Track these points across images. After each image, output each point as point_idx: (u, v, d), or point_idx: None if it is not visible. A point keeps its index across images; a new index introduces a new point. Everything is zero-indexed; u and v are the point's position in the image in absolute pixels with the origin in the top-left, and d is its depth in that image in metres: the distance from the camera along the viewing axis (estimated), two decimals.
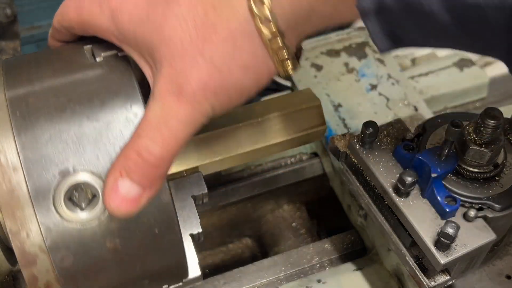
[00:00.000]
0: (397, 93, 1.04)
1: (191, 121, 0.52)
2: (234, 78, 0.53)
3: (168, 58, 0.52)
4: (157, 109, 0.52)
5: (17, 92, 0.56)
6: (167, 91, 0.52)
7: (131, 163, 0.52)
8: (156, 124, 0.52)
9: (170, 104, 0.52)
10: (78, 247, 0.54)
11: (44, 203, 0.53)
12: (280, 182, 1.10)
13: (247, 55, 0.52)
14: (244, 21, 0.51)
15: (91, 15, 0.57)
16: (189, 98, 0.52)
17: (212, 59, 0.51)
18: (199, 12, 0.51)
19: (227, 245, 1.17)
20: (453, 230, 0.62)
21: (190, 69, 0.51)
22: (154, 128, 0.52)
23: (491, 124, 0.65)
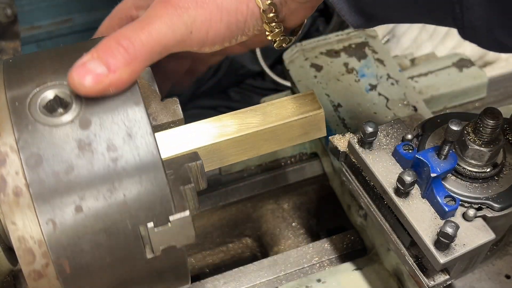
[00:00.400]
0: (396, 93, 1.04)
1: (171, 25, 0.58)
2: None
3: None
4: (147, 12, 0.59)
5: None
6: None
7: (105, 47, 0.56)
8: (141, 20, 0.58)
9: (157, 7, 0.59)
10: (48, 146, 0.55)
11: (20, 108, 0.56)
12: (280, 182, 1.10)
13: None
14: None
15: None
16: (173, 3, 0.58)
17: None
18: None
19: (227, 245, 1.17)
20: (452, 230, 0.62)
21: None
22: (139, 23, 0.58)
23: (490, 124, 0.65)
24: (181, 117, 0.65)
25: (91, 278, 0.57)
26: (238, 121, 0.70)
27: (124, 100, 0.58)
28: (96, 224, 0.55)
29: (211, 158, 0.68)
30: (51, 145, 0.55)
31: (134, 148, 0.57)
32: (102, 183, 0.55)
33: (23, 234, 0.54)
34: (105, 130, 0.57)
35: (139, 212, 0.56)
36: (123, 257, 0.57)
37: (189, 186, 0.60)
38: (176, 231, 0.57)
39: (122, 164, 0.56)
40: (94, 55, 0.56)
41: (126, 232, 0.56)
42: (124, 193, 0.56)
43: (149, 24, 0.57)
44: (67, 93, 0.58)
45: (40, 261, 0.54)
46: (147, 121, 0.58)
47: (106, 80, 0.56)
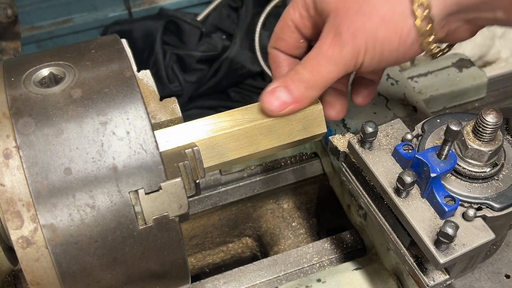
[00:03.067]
0: (396, 93, 1.05)
1: (335, 61, 0.68)
2: (371, 26, 0.65)
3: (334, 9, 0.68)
4: (315, 48, 0.70)
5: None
6: (326, 35, 0.68)
7: (289, 78, 0.71)
8: (310, 58, 0.70)
9: (322, 45, 0.69)
10: (39, 112, 0.56)
11: (15, 82, 0.58)
12: (280, 182, 1.10)
13: (387, 8, 0.65)
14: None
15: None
16: (338, 42, 0.67)
17: (361, 7, 0.65)
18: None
19: (227, 245, 1.17)
20: (452, 230, 0.62)
21: (346, 18, 0.66)
22: (309, 61, 0.70)
23: (490, 124, 0.65)
24: (179, 115, 0.66)
25: (81, 250, 0.56)
26: (235, 117, 0.70)
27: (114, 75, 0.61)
28: (84, 187, 0.55)
29: (210, 154, 0.68)
30: (42, 111, 0.56)
31: (123, 112, 0.58)
32: (91, 145, 0.56)
33: (11, 196, 0.54)
34: (95, 96, 0.58)
35: (129, 178, 0.56)
36: (113, 227, 0.56)
37: (183, 162, 0.60)
38: (168, 197, 0.57)
39: (111, 127, 0.57)
40: (282, 84, 0.71)
41: (116, 198, 0.56)
42: (113, 156, 0.56)
43: (319, 65, 0.69)
44: (61, 70, 0.60)
45: (28, 226, 0.54)
46: (139, 92, 0.59)
47: (289, 106, 0.70)
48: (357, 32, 0.66)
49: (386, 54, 0.67)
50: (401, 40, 0.66)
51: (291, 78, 0.71)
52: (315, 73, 0.69)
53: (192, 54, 1.58)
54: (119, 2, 1.60)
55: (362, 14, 0.65)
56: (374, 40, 0.66)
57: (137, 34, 1.57)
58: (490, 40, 1.56)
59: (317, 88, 0.70)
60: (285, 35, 0.77)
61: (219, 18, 1.66)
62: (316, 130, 0.73)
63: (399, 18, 0.65)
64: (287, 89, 0.70)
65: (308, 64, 0.70)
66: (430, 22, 0.65)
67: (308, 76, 0.70)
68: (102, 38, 0.66)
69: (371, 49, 0.67)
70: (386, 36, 0.66)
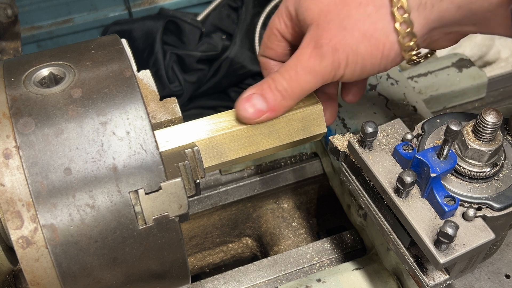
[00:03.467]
0: (396, 93, 1.05)
1: (314, 72, 0.68)
2: (352, 41, 0.65)
3: (315, 20, 0.67)
4: (294, 57, 0.69)
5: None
6: (306, 46, 0.68)
7: (266, 86, 0.70)
8: (289, 67, 0.69)
9: (302, 55, 0.68)
10: (39, 112, 0.57)
11: (15, 82, 0.59)
12: (280, 182, 1.10)
13: (369, 24, 0.64)
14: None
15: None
16: (318, 53, 0.66)
17: (342, 21, 0.65)
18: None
19: (227, 245, 1.17)
20: (452, 230, 0.62)
21: (328, 31, 0.66)
22: (286, 70, 0.69)
23: (490, 124, 0.65)
24: (179, 115, 0.66)
25: (81, 250, 0.56)
26: (235, 117, 0.70)
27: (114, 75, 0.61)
28: (84, 187, 0.55)
29: (210, 154, 0.68)
30: (42, 111, 0.57)
31: (123, 112, 0.58)
32: (91, 145, 0.56)
33: (11, 196, 0.54)
34: (95, 96, 0.58)
35: (129, 178, 0.56)
36: (113, 227, 0.56)
37: (183, 162, 0.60)
38: (168, 197, 0.57)
39: (111, 127, 0.57)
40: (258, 91, 0.70)
41: (116, 198, 0.56)
42: (113, 156, 0.56)
43: (297, 75, 0.68)
44: (61, 70, 0.60)
45: (28, 226, 0.54)
46: (139, 92, 0.59)
47: (264, 114, 0.69)
48: (338, 46, 0.66)
49: (368, 67, 0.68)
50: (384, 55, 0.67)
51: (268, 86, 0.70)
52: (293, 82, 0.69)
53: (192, 54, 1.57)
54: (119, 2, 1.60)
55: (343, 28, 0.65)
56: (356, 55, 0.66)
57: (137, 34, 1.57)
58: (490, 40, 1.56)
59: (293, 97, 0.70)
60: (272, 43, 0.77)
61: (219, 18, 1.66)
62: (316, 130, 0.73)
63: (381, 34, 0.65)
64: (263, 97, 0.69)
65: (286, 73, 0.69)
66: (413, 39, 0.65)
67: (285, 85, 0.69)
68: (102, 38, 0.66)
69: (352, 63, 0.67)
70: (368, 51, 0.66)
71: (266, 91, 0.69)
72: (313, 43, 0.67)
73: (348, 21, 0.65)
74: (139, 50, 1.57)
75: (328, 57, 0.67)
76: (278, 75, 0.70)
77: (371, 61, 0.67)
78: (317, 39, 0.67)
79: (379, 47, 0.66)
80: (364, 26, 0.65)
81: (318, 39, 0.67)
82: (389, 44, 0.66)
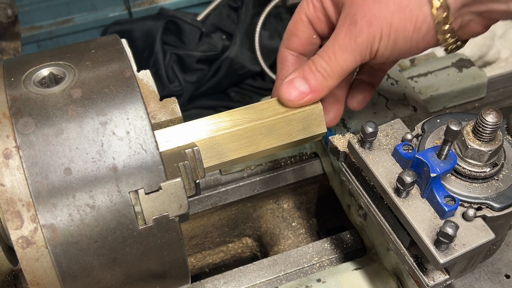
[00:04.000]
0: (396, 93, 1.05)
1: (351, 49, 0.69)
2: (387, 13, 0.66)
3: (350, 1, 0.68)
4: (332, 38, 0.70)
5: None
6: (342, 24, 0.69)
7: (307, 68, 0.71)
8: (327, 48, 0.70)
9: (338, 34, 0.69)
10: (39, 112, 0.57)
11: (15, 82, 0.59)
12: (280, 182, 1.10)
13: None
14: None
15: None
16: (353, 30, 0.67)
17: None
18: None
19: (227, 245, 1.17)
20: (452, 230, 0.62)
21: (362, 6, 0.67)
22: (325, 51, 0.71)
23: (490, 124, 0.65)
24: (179, 115, 0.66)
25: (81, 250, 0.56)
26: (235, 117, 0.70)
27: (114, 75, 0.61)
28: (84, 187, 0.55)
29: (210, 154, 0.68)
30: (42, 111, 0.57)
31: (123, 112, 0.58)
32: (91, 145, 0.56)
33: (11, 196, 0.54)
34: (95, 96, 0.58)
35: (129, 178, 0.56)
36: (113, 227, 0.56)
37: (183, 162, 0.60)
38: (168, 197, 0.57)
39: (111, 127, 0.57)
40: (300, 74, 0.71)
41: (116, 198, 0.56)
42: (113, 156, 0.56)
43: (335, 55, 0.69)
44: (61, 70, 0.60)
45: (28, 226, 0.54)
46: (139, 92, 0.59)
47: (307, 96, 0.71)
48: (372, 19, 0.66)
49: (400, 42, 0.68)
50: (416, 28, 0.67)
51: (308, 68, 0.71)
52: (332, 62, 0.70)
53: (192, 54, 1.58)
54: (119, 2, 1.60)
55: (378, 1, 0.66)
56: (389, 27, 0.67)
57: (137, 34, 1.58)
58: (490, 40, 1.56)
59: (334, 77, 0.71)
60: (299, 30, 0.77)
61: (219, 18, 1.66)
62: (316, 130, 0.73)
63: (415, 6, 0.66)
64: (305, 79, 0.71)
65: (325, 53, 0.70)
66: (446, 10, 0.65)
67: (325, 66, 0.70)
68: (102, 38, 0.66)
69: (385, 36, 0.67)
70: (401, 23, 0.66)
71: (307, 73, 0.71)
72: (348, 20, 0.68)
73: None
74: (139, 50, 1.58)
75: (363, 32, 0.67)
76: (318, 57, 0.71)
77: (403, 33, 0.67)
78: (352, 16, 0.68)
79: (412, 19, 0.66)
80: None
81: (353, 15, 0.67)
82: (422, 16, 0.66)
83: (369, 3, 0.67)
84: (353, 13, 0.68)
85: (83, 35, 1.58)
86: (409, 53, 0.70)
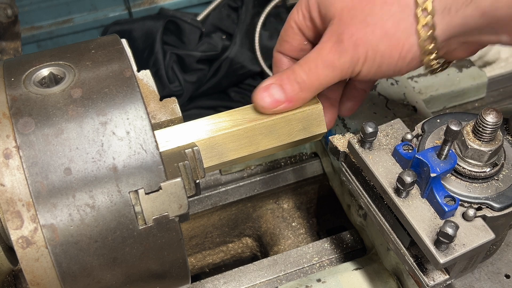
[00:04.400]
0: (396, 93, 1.05)
1: (333, 70, 0.68)
2: (373, 38, 0.65)
3: (338, 15, 0.68)
4: (315, 50, 0.70)
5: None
6: (327, 40, 0.68)
7: (285, 76, 0.70)
8: (309, 60, 0.70)
9: (323, 49, 0.69)
10: (39, 112, 0.57)
11: (15, 82, 0.59)
12: (280, 182, 1.10)
13: (392, 23, 0.65)
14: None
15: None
16: (338, 48, 0.67)
17: (366, 18, 0.66)
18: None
19: (227, 245, 1.17)
20: (452, 230, 0.62)
21: (350, 26, 0.66)
22: (306, 62, 0.70)
23: (490, 124, 0.65)
24: (179, 115, 0.66)
25: (81, 250, 0.56)
26: (235, 117, 0.70)
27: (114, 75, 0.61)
28: (84, 187, 0.55)
29: (210, 154, 0.68)
30: (42, 111, 0.57)
31: (123, 112, 0.58)
32: (91, 145, 0.56)
33: (11, 196, 0.54)
34: (95, 96, 0.58)
35: (129, 178, 0.56)
36: (113, 227, 0.56)
37: (183, 162, 0.60)
38: (168, 197, 0.57)
39: (111, 127, 0.57)
40: (277, 81, 0.70)
41: (116, 198, 0.56)
42: (113, 156, 0.56)
43: (317, 68, 0.69)
44: (61, 70, 0.60)
45: (28, 226, 0.54)
46: (139, 92, 0.59)
47: (282, 105, 0.70)
48: (359, 42, 0.66)
49: (384, 67, 0.68)
50: (401, 56, 0.67)
51: (287, 77, 0.71)
52: (312, 75, 0.69)
53: (192, 54, 1.57)
54: (119, 2, 1.60)
55: (366, 25, 0.66)
56: (375, 52, 0.66)
57: (137, 34, 1.57)
58: None
59: (311, 90, 0.70)
60: (289, 37, 0.77)
61: (219, 18, 1.66)
62: (316, 130, 0.73)
63: (402, 35, 0.65)
64: (282, 88, 0.70)
65: (306, 65, 0.70)
66: (433, 42, 0.65)
67: (304, 77, 0.69)
68: (102, 38, 0.66)
69: (370, 60, 0.67)
70: (387, 50, 0.66)
71: (284, 82, 0.70)
72: (334, 37, 0.68)
73: (372, 18, 0.66)
74: (139, 50, 1.57)
75: (348, 53, 0.67)
76: (298, 67, 0.70)
77: (388, 60, 0.67)
78: (339, 34, 0.67)
79: (398, 47, 0.66)
80: (387, 25, 0.65)
81: (340, 34, 0.67)
82: (408, 46, 0.66)
83: (356, 24, 0.66)
84: (340, 32, 0.67)
85: (83, 35, 1.58)
86: (391, 75, 0.71)
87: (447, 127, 0.63)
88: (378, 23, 0.65)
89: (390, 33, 0.65)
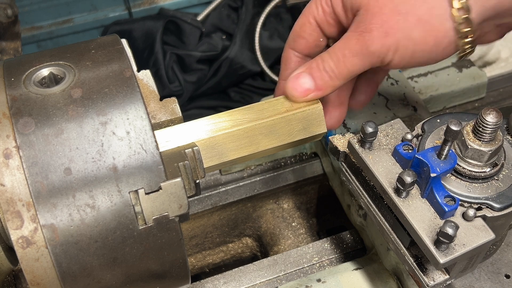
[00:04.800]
0: (396, 93, 1.05)
1: (362, 55, 0.68)
2: (406, 26, 0.65)
3: (365, 5, 0.67)
4: (343, 39, 0.70)
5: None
6: (355, 29, 0.68)
7: (315, 65, 0.71)
8: (336, 49, 0.70)
9: (350, 39, 0.69)
10: (39, 111, 0.57)
11: (15, 82, 0.59)
12: (280, 182, 1.10)
13: (425, 9, 0.64)
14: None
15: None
16: (366, 37, 0.67)
17: (397, 6, 0.65)
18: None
19: (227, 245, 1.17)
20: (452, 230, 0.62)
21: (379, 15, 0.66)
22: (334, 51, 0.70)
23: (490, 124, 0.65)
24: (179, 115, 0.66)
25: (81, 250, 0.56)
26: (235, 117, 0.70)
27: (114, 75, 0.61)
28: (84, 187, 0.55)
29: (210, 154, 0.68)
30: (42, 111, 0.57)
31: (123, 112, 0.58)
32: (91, 145, 0.56)
33: (11, 196, 0.54)
34: (95, 96, 0.58)
35: (129, 178, 0.56)
36: (113, 227, 0.56)
37: (183, 162, 0.60)
38: (168, 197, 0.57)
39: (111, 127, 0.57)
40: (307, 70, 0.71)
41: (116, 198, 0.56)
42: (113, 156, 0.56)
43: (345, 57, 0.69)
44: (61, 70, 0.60)
45: (28, 226, 0.54)
46: (139, 92, 0.59)
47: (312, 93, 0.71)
48: (389, 31, 0.66)
49: (418, 54, 0.67)
50: (436, 42, 0.66)
51: (316, 65, 0.71)
52: (340, 64, 0.70)
53: (192, 54, 1.57)
54: (119, 2, 1.60)
55: (397, 13, 0.65)
56: (408, 40, 0.66)
57: (137, 34, 1.57)
58: None
59: (340, 78, 0.71)
60: (306, 33, 0.76)
61: (219, 18, 1.66)
62: (316, 130, 0.73)
63: (437, 20, 0.65)
64: (311, 76, 0.71)
65: (334, 54, 0.70)
66: (469, 26, 0.65)
67: (332, 66, 0.70)
68: (102, 38, 0.66)
69: (403, 48, 0.67)
70: (421, 37, 0.66)
71: (314, 70, 0.71)
72: (362, 27, 0.67)
73: (404, 5, 0.65)
74: (139, 50, 1.57)
75: (377, 42, 0.67)
76: (327, 55, 0.71)
77: (423, 47, 0.67)
78: (367, 24, 0.67)
79: (433, 33, 0.65)
80: (420, 11, 0.65)
81: (369, 23, 0.67)
82: (444, 31, 0.65)
83: (386, 13, 0.66)
84: (368, 21, 0.67)
85: (83, 35, 1.58)
86: (425, 63, 0.70)
87: (447, 127, 0.63)
88: (411, 10, 0.65)
89: (424, 19, 0.65)
